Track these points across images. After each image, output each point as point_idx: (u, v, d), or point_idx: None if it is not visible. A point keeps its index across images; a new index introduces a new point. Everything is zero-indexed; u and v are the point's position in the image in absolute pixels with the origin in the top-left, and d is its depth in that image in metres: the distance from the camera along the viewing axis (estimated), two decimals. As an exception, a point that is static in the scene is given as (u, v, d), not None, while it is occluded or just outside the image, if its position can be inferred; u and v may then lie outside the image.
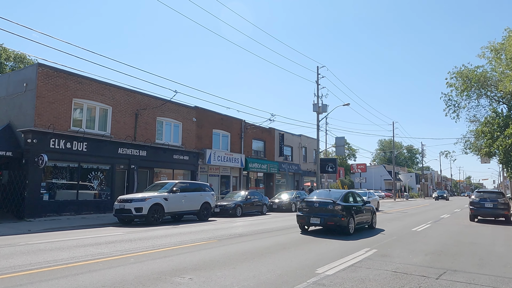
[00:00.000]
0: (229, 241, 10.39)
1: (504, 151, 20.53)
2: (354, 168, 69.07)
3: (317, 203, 12.55)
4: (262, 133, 33.08)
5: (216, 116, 27.73)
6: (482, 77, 24.42)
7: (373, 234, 12.62)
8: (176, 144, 23.97)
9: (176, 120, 24.21)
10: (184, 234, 12.07)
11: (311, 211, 12.53)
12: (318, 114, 35.14)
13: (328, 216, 12.07)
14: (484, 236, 13.24)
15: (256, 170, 31.25)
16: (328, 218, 12.05)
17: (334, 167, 41.48)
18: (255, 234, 12.41)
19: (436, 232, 14.08)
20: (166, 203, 15.70)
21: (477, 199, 19.01)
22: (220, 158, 27.02)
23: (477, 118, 27.69)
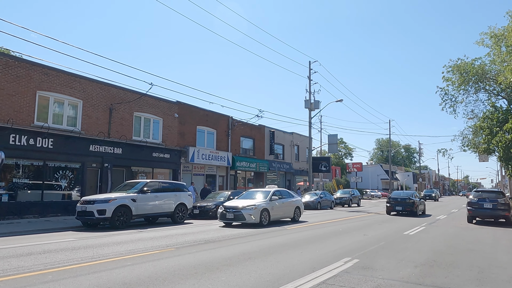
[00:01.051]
0: (189, 250, 8.97)
1: (504, 147, 19.19)
2: (350, 167, 67.73)
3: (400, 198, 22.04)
4: (251, 131, 31.67)
5: (200, 112, 26.30)
6: (480, 70, 23.11)
7: (357, 240, 11.23)
8: (155, 141, 22.55)
9: (156, 115, 22.78)
10: (144, 240, 10.64)
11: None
12: (310, 110, 33.83)
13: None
14: (484, 240, 11.87)
15: (245, 169, 29.84)
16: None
17: (328, 166, 40.11)
18: (226, 239, 11.00)
19: (430, 236, 12.69)
20: (134, 204, 14.26)
21: (475, 199, 17.65)
22: (205, 156, 25.60)
23: (475, 114, 26.41)
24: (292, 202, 17.34)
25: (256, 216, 14.48)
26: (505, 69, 17.06)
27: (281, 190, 17.66)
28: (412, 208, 21.52)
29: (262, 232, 13.02)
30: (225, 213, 14.95)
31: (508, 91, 22.81)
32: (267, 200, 15.61)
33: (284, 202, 16.75)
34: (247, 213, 14.46)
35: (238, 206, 14.80)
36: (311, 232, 13.23)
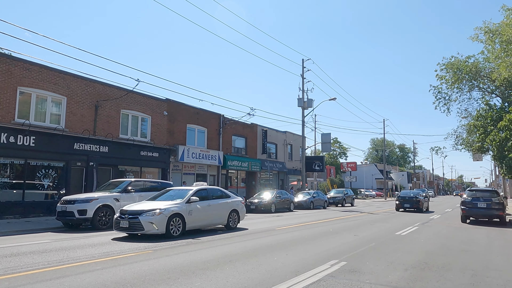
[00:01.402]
0: (168, 252, 8.47)
1: (498, 145, 18.86)
2: (344, 166, 67.45)
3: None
4: (243, 129, 31.19)
5: (191, 110, 25.77)
6: (474, 67, 22.80)
7: (347, 241, 10.79)
8: (144, 139, 21.99)
9: (144, 113, 22.23)
10: (123, 241, 10.12)
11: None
12: (303, 109, 33.47)
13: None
14: (478, 241, 11.48)
15: (236, 168, 29.35)
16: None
17: (321, 166, 39.70)
18: (208, 241, 10.51)
19: (423, 236, 12.29)
20: (117, 204, 13.70)
21: (469, 199, 17.30)
22: (195, 155, 25.08)
23: (469, 112, 26.12)
24: (225, 204, 13.19)
25: (160, 224, 10.40)
26: (500, 65, 16.71)
27: (210, 189, 13.51)
28: (418, 205, 24.85)
29: (252, 232, 12.55)
30: (119, 221, 10.76)
31: (502, 89, 22.52)
32: (183, 202, 11.46)
33: (211, 204, 12.54)
34: (146, 220, 10.35)
35: (137, 211, 10.71)
36: (293, 234, 12.76)
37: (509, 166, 18.56)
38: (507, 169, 19.24)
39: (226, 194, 13.97)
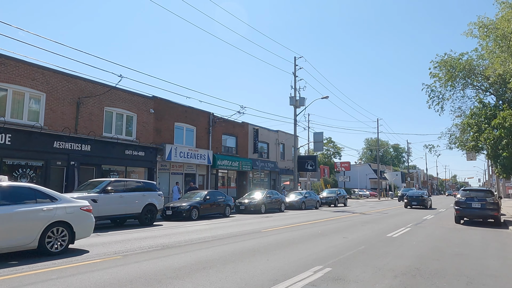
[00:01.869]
0: (138, 258, 7.80)
1: (492, 144, 18.39)
2: (338, 166, 67.02)
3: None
4: (234, 128, 30.52)
5: (179, 108, 25.05)
6: (468, 65, 22.33)
7: (335, 244, 10.18)
8: (129, 138, 21.24)
9: (130, 111, 21.48)
10: (94, 246, 9.43)
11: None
12: (295, 108, 32.91)
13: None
14: (472, 243, 10.94)
15: (226, 167, 28.68)
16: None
17: (314, 165, 39.08)
18: (188, 244, 9.86)
19: (415, 238, 11.73)
20: (95, 205, 12.93)
21: (463, 199, 16.80)
22: (183, 154, 24.38)
23: (463, 111, 25.68)
24: (32, 213, 7.70)
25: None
26: (494, 60, 16.20)
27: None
28: (423, 203, 29.99)
29: (242, 233, 11.90)
30: None
31: (497, 86, 22.08)
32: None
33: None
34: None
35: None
36: (279, 237, 12.14)
37: (504, 165, 18.11)
38: (502, 168, 18.80)
39: (51, 197, 8.37)
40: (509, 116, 17.46)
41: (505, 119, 17.55)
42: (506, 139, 17.61)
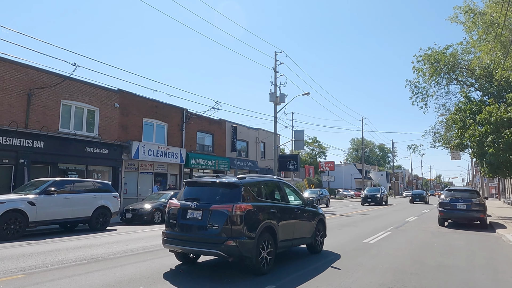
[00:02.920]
0: (46, 276, 6.23)
1: (477, 141, 17.29)
2: (322, 166, 65.98)
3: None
4: (210, 125, 28.96)
5: (148, 103, 23.38)
6: (452, 58, 21.27)
7: (299, 255, 8.76)
8: (90, 134, 19.50)
9: (91, 104, 19.74)
10: (7, 259, 7.80)
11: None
12: (275, 104, 31.43)
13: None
14: (457, 250, 9.66)
15: (201, 167, 27.10)
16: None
17: (296, 164, 37.77)
18: (123, 256, 8.32)
19: (394, 244, 10.40)
20: (32, 208, 11.34)
21: (447, 199, 15.61)
22: (152, 152, 22.71)
23: (447, 107, 24.68)
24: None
25: None
26: (482, 48, 15.08)
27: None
28: (424, 200, 40.17)
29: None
30: None
31: (482, 81, 21.08)
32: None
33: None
34: None
35: None
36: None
37: (490, 164, 17.05)
38: (487, 167, 17.75)
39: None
40: (495, 110, 16.39)
41: (491, 114, 16.47)
42: (492, 135, 16.52)
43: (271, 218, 6.76)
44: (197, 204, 6.43)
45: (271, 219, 6.76)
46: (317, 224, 8.78)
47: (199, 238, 6.26)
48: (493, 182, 59.06)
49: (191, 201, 6.58)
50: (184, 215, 6.51)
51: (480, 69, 19.14)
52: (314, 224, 8.62)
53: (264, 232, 6.49)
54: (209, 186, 7.00)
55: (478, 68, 19.42)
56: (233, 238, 5.95)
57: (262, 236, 6.38)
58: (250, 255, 6.07)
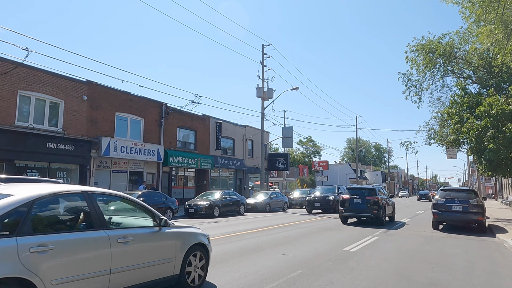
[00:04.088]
0: None
1: (475, 136, 15.76)
2: (315, 165, 64.48)
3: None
4: (192, 121, 27.33)
5: (122, 96, 21.72)
6: (449, 47, 19.74)
7: (265, 265, 7.17)
8: (52, 128, 17.82)
9: (54, 96, 18.06)
10: None
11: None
12: (263, 100, 29.96)
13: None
14: (453, 261, 8.10)
15: (182, 165, 25.47)
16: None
17: (286, 163, 36.26)
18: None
19: (378, 253, 8.82)
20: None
21: (442, 200, 14.05)
22: (125, 149, 21.05)
23: (442, 102, 23.18)
24: None
25: None
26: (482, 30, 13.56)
27: None
28: (429, 198, 38.99)
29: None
30: None
31: (480, 73, 19.56)
32: None
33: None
34: None
35: None
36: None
37: (489, 160, 15.53)
38: (486, 164, 16.23)
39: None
40: (495, 102, 14.86)
41: (492, 105, 14.95)
42: (493, 129, 15.00)
43: (386, 201, 16.11)
44: (359, 196, 15.41)
45: (387, 202, 16.20)
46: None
47: (361, 210, 15.26)
48: (490, 182, 57.78)
49: (354, 195, 15.56)
50: (353, 200, 15.46)
51: (478, 60, 17.67)
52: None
53: (385, 207, 15.50)
54: (361, 190, 15.98)
55: (476, 58, 17.95)
56: (376, 209, 14.81)
57: (384, 208, 15.32)
58: (381, 217, 15.12)
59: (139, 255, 4.61)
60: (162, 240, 5.03)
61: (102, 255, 4.13)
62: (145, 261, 4.67)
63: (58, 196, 4.21)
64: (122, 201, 5.08)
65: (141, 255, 4.63)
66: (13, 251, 3.39)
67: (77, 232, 4.14)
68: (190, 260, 5.46)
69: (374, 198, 15.10)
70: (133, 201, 5.10)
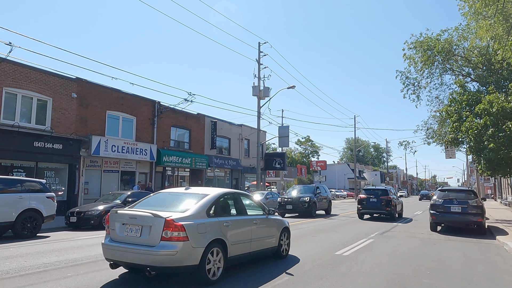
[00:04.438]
0: None
1: (475, 135, 15.30)
2: (313, 165, 64.02)
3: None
4: (187, 120, 26.83)
5: (113, 94, 21.21)
6: (447, 44, 19.28)
7: (242, 273, 6.69)
8: (40, 127, 17.31)
9: (43, 94, 17.55)
10: None
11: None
12: (259, 98, 29.38)
13: None
14: (451, 266, 7.63)
15: (176, 165, 24.97)
16: None
17: (283, 163, 35.81)
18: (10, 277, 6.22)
19: (372, 258, 8.35)
20: None
21: (440, 201, 13.59)
22: (116, 148, 20.55)
23: (441, 100, 22.73)
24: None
25: None
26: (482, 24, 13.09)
27: None
28: (429, 198, 31.72)
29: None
30: None
31: (479, 71, 19.11)
32: None
33: None
34: None
35: None
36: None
37: (489, 160, 15.09)
38: (486, 163, 15.78)
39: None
40: (495, 100, 14.40)
41: (492, 103, 14.49)
42: (493, 128, 14.54)
43: (397, 200, 19.05)
44: (374, 196, 18.07)
45: (397, 201, 19.14)
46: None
47: (376, 208, 17.81)
48: (489, 182, 57.35)
49: (370, 195, 18.18)
50: (369, 200, 18.04)
51: (477, 57, 17.22)
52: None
53: (395, 205, 18.33)
54: (376, 190, 18.44)
55: (475, 55, 17.50)
56: (388, 207, 17.58)
57: (395, 206, 18.11)
58: (393, 214, 17.91)
59: (261, 231, 7.34)
60: (269, 223, 7.76)
61: (248, 230, 6.88)
62: (264, 236, 7.42)
63: (225, 194, 6.92)
64: (249, 199, 7.86)
65: (262, 231, 7.37)
66: (218, 225, 6.09)
67: (237, 216, 6.89)
68: (282, 237, 8.12)
69: (387, 198, 17.90)
70: (253, 199, 8.03)
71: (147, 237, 5.46)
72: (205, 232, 5.75)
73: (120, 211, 5.98)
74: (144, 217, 5.60)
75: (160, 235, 5.35)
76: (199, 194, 6.45)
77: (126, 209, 6.07)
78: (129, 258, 5.52)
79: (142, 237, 5.51)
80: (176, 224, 5.38)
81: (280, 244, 7.98)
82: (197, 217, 5.79)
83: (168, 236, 5.33)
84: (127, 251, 5.50)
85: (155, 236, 5.39)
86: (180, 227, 5.38)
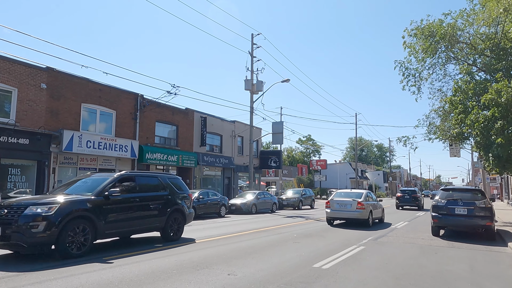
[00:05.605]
0: None
1: (481, 128, 13.62)
2: (313, 164, 62.31)
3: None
4: (174, 115, 25.29)
5: (89, 85, 19.68)
6: (451, 29, 17.57)
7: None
8: (3, 120, 15.80)
9: (6, 83, 16.05)
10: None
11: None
12: (251, 93, 27.84)
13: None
14: (455, 284, 6.00)
15: (160, 162, 23.41)
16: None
17: (278, 162, 34.21)
18: None
19: (356, 272, 6.73)
20: None
21: (443, 202, 11.94)
22: (92, 144, 19.02)
23: (444, 93, 20.97)
24: None
25: None
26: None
27: None
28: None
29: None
30: None
31: (487, 59, 17.39)
32: None
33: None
34: None
35: None
36: (103, 277, 7.00)
37: (497, 156, 13.40)
38: (494, 160, 14.08)
39: None
40: (504, 88, 12.70)
41: (500, 93, 12.78)
42: (501, 120, 12.86)
43: (422, 197, 31.43)
44: (407, 194, 29.07)
45: (422, 198, 31.37)
46: None
47: (409, 202, 28.59)
48: (495, 182, 55.35)
49: (405, 193, 29.23)
50: (403, 197, 28.96)
51: (485, 41, 15.55)
52: None
53: (421, 200, 29.97)
54: (409, 190, 29.85)
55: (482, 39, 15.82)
56: (417, 202, 28.38)
57: (421, 201, 29.53)
58: (421, 206, 29.10)
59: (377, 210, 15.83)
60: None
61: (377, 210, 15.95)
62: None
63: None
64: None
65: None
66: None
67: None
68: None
69: (416, 195, 28.71)
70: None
71: None
72: None
73: None
74: None
75: None
76: None
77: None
78: None
79: None
80: None
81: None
82: None
83: None
84: None
85: None
86: None
